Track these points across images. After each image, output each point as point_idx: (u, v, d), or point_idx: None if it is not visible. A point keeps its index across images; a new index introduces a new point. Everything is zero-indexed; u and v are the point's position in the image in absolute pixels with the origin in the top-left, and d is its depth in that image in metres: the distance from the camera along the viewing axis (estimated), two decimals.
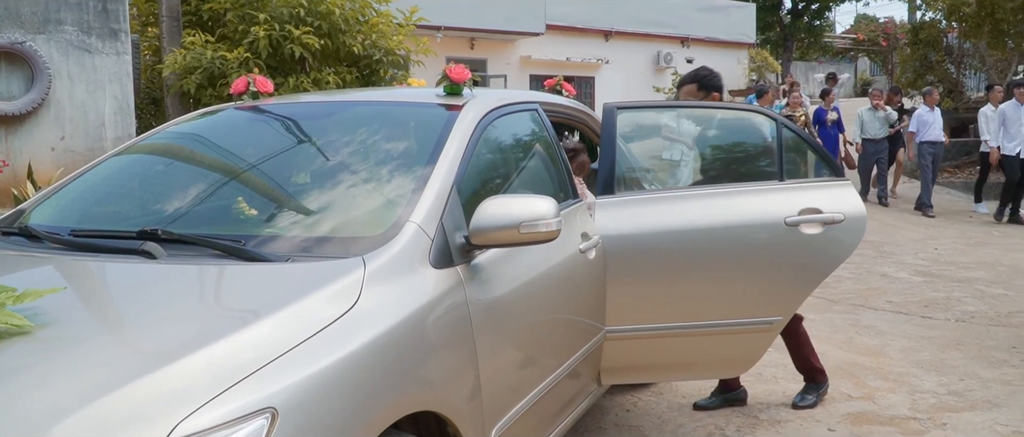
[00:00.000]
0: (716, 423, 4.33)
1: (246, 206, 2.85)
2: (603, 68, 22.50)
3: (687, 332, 3.73)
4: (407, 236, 2.47)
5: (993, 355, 5.45)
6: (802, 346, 4.54)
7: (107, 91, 8.21)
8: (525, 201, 2.64)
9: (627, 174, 3.94)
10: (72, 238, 2.70)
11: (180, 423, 1.67)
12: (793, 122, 11.01)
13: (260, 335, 1.95)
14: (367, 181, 2.91)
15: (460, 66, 3.40)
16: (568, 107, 4.22)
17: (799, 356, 4.55)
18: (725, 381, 4.51)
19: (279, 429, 1.77)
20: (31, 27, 7.77)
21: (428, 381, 2.33)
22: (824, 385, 4.59)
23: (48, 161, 7.81)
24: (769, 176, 3.96)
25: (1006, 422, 4.29)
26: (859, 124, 13.31)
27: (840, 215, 3.75)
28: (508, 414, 2.75)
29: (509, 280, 2.82)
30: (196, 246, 2.48)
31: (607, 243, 3.55)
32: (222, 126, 3.54)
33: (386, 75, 8.41)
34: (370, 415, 2.04)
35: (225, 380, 1.78)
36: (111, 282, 2.40)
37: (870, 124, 13.19)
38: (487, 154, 3.19)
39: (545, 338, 3.12)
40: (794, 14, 35.88)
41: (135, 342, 1.99)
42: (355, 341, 2.07)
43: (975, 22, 15.41)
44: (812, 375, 4.56)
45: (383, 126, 3.28)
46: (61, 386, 1.75)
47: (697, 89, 4.57)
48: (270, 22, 7.67)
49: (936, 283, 7.80)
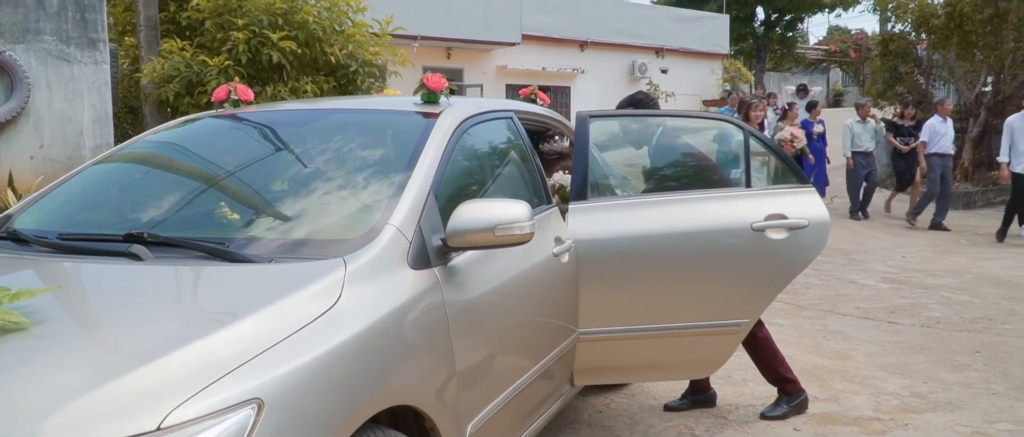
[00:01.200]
0: (686, 423, 4.45)
1: (229, 210, 2.94)
2: (579, 78, 22.68)
3: (657, 334, 3.84)
4: (386, 238, 2.58)
5: (956, 359, 5.61)
6: (767, 353, 4.54)
7: (86, 100, 8.24)
8: (500, 205, 2.75)
9: (599, 180, 4.05)
10: (60, 241, 2.78)
11: (171, 412, 1.76)
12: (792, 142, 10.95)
13: (246, 331, 2.04)
14: (347, 186, 3.00)
15: (437, 75, 3.52)
16: (542, 116, 4.34)
17: (766, 365, 4.56)
18: (695, 383, 4.63)
19: (265, 419, 1.86)
20: (10, 37, 7.80)
21: (406, 376, 2.43)
22: (797, 397, 4.54)
23: (27, 169, 7.83)
24: (736, 183, 4.09)
25: (966, 423, 4.44)
26: (849, 136, 12.92)
27: (804, 221, 3.89)
28: (483, 411, 2.85)
29: (484, 281, 2.93)
30: (181, 248, 2.57)
31: (580, 247, 3.66)
32: (205, 133, 3.62)
33: (363, 84, 8.49)
34: (351, 408, 2.14)
35: (213, 373, 1.87)
36: (100, 282, 2.48)
37: (860, 136, 12.89)
38: (463, 160, 3.30)
39: (519, 338, 3.23)
40: (767, 25, 36.31)
41: (125, 338, 2.07)
42: (336, 337, 2.17)
43: (944, 34, 15.66)
44: (783, 386, 4.54)
45: (362, 133, 3.38)
46: (56, 379, 1.84)
47: None
48: (250, 27, 7.74)
49: (903, 290, 7.98)
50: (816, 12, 36.19)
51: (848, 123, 13.09)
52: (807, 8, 35.36)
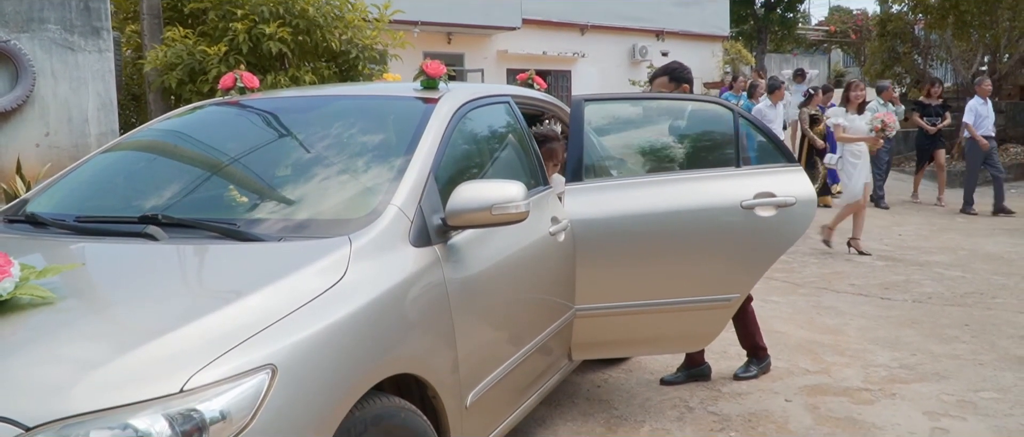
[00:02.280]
0: (681, 396, 4.60)
1: (238, 193, 3.08)
2: (579, 62, 22.76)
3: (652, 309, 3.99)
4: (389, 217, 2.72)
5: (946, 332, 5.76)
6: (750, 323, 4.88)
7: (90, 88, 8.37)
8: (497, 185, 2.89)
9: (595, 162, 4.19)
10: (77, 223, 2.92)
11: (192, 376, 1.91)
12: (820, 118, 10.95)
13: (259, 303, 2.19)
14: (351, 168, 3.15)
15: (436, 62, 3.65)
16: (539, 100, 4.47)
17: (746, 334, 4.90)
18: (690, 357, 4.79)
19: (278, 383, 2.01)
20: (15, 26, 7.92)
21: (409, 347, 2.58)
22: (765, 361, 4.94)
23: (33, 157, 7.96)
24: (727, 162, 4.23)
25: (952, 392, 4.58)
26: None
27: (792, 198, 4.02)
28: (483, 382, 3.00)
29: (483, 259, 3.07)
30: (194, 229, 2.71)
31: (576, 227, 3.80)
32: (213, 120, 3.76)
33: (363, 70, 8.61)
34: (357, 375, 2.29)
35: (230, 341, 2.02)
36: (119, 261, 2.62)
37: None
38: (462, 143, 3.44)
39: (517, 312, 3.37)
40: (767, 7, 36.26)
41: (146, 311, 2.21)
42: (343, 309, 2.32)
43: (940, 14, 15.76)
44: (755, 352, 4.93)
45: (365, 118, 3.52)
46: (85, 347, 1.99)
47: (669, 81, 4.92)
48: (250, 17, 7.86)
49: (897, 267, 8.12)
50: None
51: (869, 105, 12.00)
52: None
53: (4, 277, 2.11)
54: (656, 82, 4.99)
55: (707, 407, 4.45)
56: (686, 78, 4.94)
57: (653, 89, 5.04)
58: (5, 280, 2.11)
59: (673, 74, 4.93)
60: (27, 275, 2.17)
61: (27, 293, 2.14)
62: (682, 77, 4.93)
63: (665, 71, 4.98)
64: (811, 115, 12.54)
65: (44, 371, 1.91)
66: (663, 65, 5.10)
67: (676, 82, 4.90)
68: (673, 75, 4.92)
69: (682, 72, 4.95)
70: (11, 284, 2.13)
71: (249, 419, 1.94)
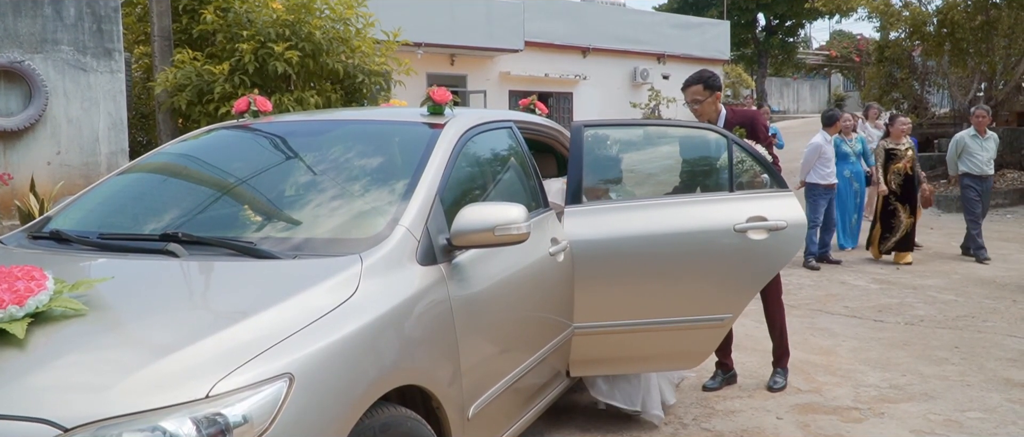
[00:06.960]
0: (675, 413, 4.74)
1: (254, 213, 3.24)
2: (581, 84, 23.00)
3: (647, 328, 4.13)
4: (397, 237, 2.88)
5: (936, 354, 5.90)
6: (727, 339, 5.19)
7: (101, 108, 8.57)
8: (499, 208, 3.06)
9: (594, 185, 4.35)
10: (101, 240, 3.08)
11: (216, 383, 2.07)
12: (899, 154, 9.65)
13: (276, 316, 2.34)
14: (361, 190, 3.31)
15: (442, 89, 3.82)
16: (540, 125, 4.63)
17: (722, 346, 5.20)
18: (723, 363, 5.26)
19: (295, 391, 2.17)
20: (29, 46, 8.13)
21: (415, 360, 2.74)
22: (730, 372, 5.29)
23: (45, 175, 8.15)
24: (721, 187, 4.39)
25: (939, 412, 4.72)
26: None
27: (783, 222, 4.18)
28: (484, 395, 3.15)
29: (486, 277, 3.23)
30: (213, 247, 2.87)
31: (575, 247, 3.95)
32: (228, 143, 3.92)
33: (367, 94, 8.79)
34: (367, 385, 2.44)
35: (250, 351, 2.18)
36: (143, 276, 2.77)
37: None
38: (466, 167, 3.60)
39: (518, 330, 3.52)
40: (768, 31, 36.56)
41: (172, 323, 2.36)
42: (355, 323, 2.48)
43: (936, 41, 15.97)
44: (724, 365, 5.31)
45: (374, 142, 3.69)
46: (116, 356, 2.16)
47: (703, 88, 5.18)
48: (256, 38, 8.03)
49: (891, 290, 8.26)
50: (816, 19, 36.49)
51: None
52: (807, 15, 35.65)
53: (40, 290, 2.27)
54: (690, 90, 5.22)
55: (701, 424, 4.59)
56: (718, 86, 5.23)
57: (686, 96, 5.26)
58: (41, 293, 2.27)
59: (707, 82, 5.18)
60: (60, 288, 2.33)
61: (60, 305, 2.29)
62: (715, 85, 5.20)
63: (700, 79, 5.21)
64: (887, 150, 10.00)
65: (80, 377, 2.07)
66: (695, 73, 5.32)
67: (710, 89, 5.16)
68: (707, 83, 5.17)
69: (715, 80, 5.22)
70: (46, 297, 2.29)
71: (269, 423, 2.09)
